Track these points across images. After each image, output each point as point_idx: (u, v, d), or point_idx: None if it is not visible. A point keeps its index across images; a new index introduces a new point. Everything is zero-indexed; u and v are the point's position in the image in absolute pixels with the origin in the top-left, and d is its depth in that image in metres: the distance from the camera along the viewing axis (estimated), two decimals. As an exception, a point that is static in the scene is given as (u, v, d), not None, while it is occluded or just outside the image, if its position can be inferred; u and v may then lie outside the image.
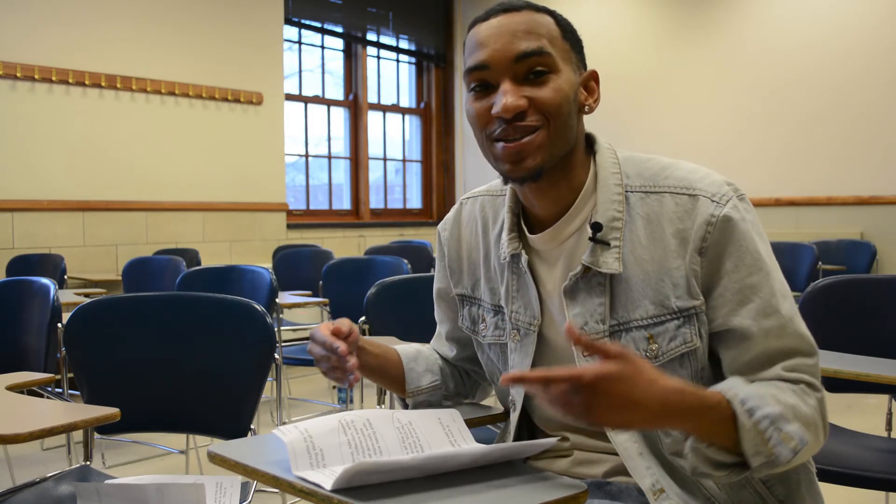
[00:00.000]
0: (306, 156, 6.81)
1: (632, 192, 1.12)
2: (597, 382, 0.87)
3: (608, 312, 1.11)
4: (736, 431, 0.95)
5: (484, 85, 1.11)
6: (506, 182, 1.20)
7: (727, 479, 0.99)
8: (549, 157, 1.09)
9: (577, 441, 1.19)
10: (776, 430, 0.96)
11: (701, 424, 0.96)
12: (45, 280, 2.32)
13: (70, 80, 5.02)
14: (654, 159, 1.16)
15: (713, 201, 1.07)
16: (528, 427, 1.27)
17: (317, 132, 6.94)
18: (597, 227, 1.10)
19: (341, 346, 1.10)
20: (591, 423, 0.90)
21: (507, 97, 1.07)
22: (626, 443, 1.10)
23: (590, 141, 1.19)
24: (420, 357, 1.34)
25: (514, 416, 1.24)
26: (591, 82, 1.16)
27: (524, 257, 1.18)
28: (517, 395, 1.23)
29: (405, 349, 1.34)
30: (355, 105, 7.11)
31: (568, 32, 1.13)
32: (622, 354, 0.89)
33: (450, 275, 1.33)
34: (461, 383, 1.39)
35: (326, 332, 1.13)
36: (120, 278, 4.43)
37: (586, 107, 1.14)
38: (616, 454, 1.13)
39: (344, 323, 1.16)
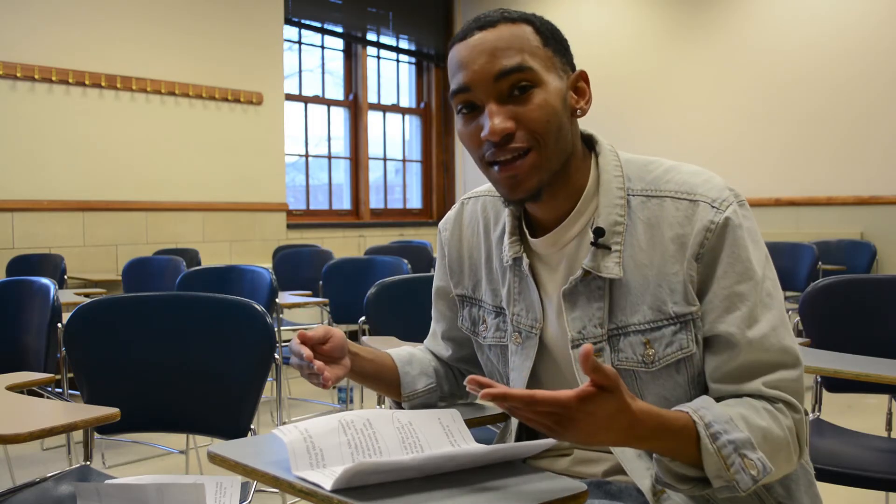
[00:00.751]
0: (306, 156, 6.81)
1: (633, 195, 1.12)
2: (576, 407, 0.87)
3: (607, 317, 1.10)
4: (699, 453, 0.95)
5: (470, 106, 1.09)
6: (507, 205, 1.19)
7: (688, 492, 0.99)
8: (546, 174, 1.09)
9: (578, 440, 1.18)
10: (739, 457, 0.95)
11: (664, 446, 0.96)
12: (45, 280, 2.32)
13: (70, 80, 5.02)
14: (655, 162, 1.15)
15: (713, 207, 1.06)
16: (528, 430, 1.27)
17: (317, 132, 6.95)
18: (599, 232, 1.10)
19: (305, 351, 1.11)
20: (560, 438, 0.92)
21: (493, 120, 1.06)
22: None
23: (590, 142, 1.17)
24: (414, 360, 1.33)
25: (514, 419, 1.24)
26: (580, 83, 1.13)
27: (525, 261, 1.17)
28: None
29: (399, 353, 1.33)
30: (355, 105, 7.11)
31: (549, 38, 1.10)
32: (612, 384, 0.88)
33: (450, 275, 1.32)
34: (455, 384, 1.38)
35: (297, 341, 1.14)
36: (120, 278, 4.43)
37: (578, 110, 1.13)
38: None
39: (318, 330, 1.16)
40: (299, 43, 6.71)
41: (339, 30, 6.93)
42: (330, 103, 6.98)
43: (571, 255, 1.14)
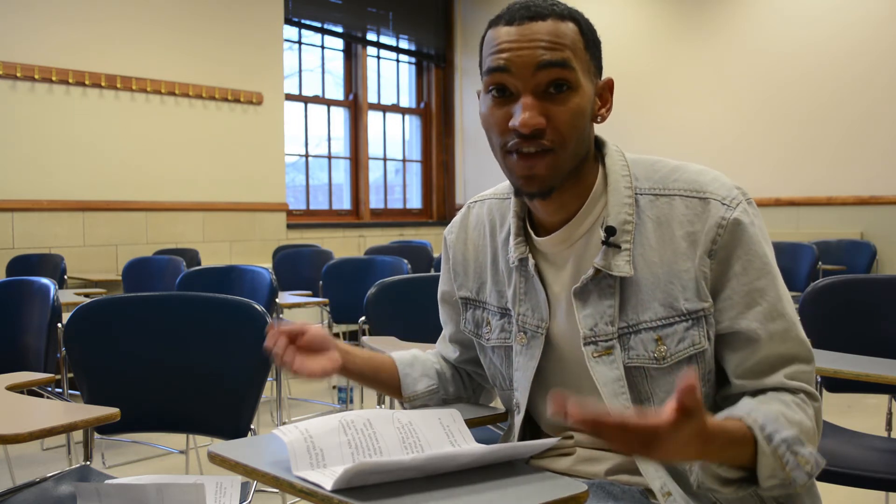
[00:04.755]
0: (306, 156, 6.81)
1: (641, 194, 1.12)
2: (668, 431, 0.85)
3: (617, 314, 1.11)
4: (754, 455, 0.96)
5: (502, 89, 1.09)
6: (518, 195, 1.20)
7: (733, 493, 1.00)
8: (561, 176, 1.10)
9: (580, 439, 1.18)
10: (792, 455, 0.97)
11: (727, 455, 0.97)
12: (45, 280, 2.32)
13: (70, 80, 5.02)
14: (662, 161, 1.16)
15: (724, 204, 1.07)
16: (532, 431, 1.27)
17: (317, 132, 6.94)
18: (611, 231, 1.10)
19: (268, 342, 1.16)
20: (642, 458, 0.92)
21: (526, 113, 1.06)
22: None
23: (596, 142, 1.18)
24: (416, 362, 1.34)
25: (518, 420, 1.24)
26: (605, 92, 1.15)
27: (531, 261, 1.18)
28: (521, 398, 1.23)
29: (401, 355, 1.35)
30: (355, 105, 7.11)
31: (590, 41, 1.11)
32: (698, 407, 0.86)
33: (454, 278, 1.33)
34: (462, 386, 1.39)
35: (267, 329, 1.18)
36: (120, 278, 4.43)
37: (598, 117, 1.14)
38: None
39: (293, 325, 1.18)
40: (299, 43, 6.71)
41: (339, 30, 6.93)
42: (330, 103, 6.98)
43: (579, 253, 1.15)
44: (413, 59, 7.67)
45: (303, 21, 6.57)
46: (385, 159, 7.46)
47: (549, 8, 1.09)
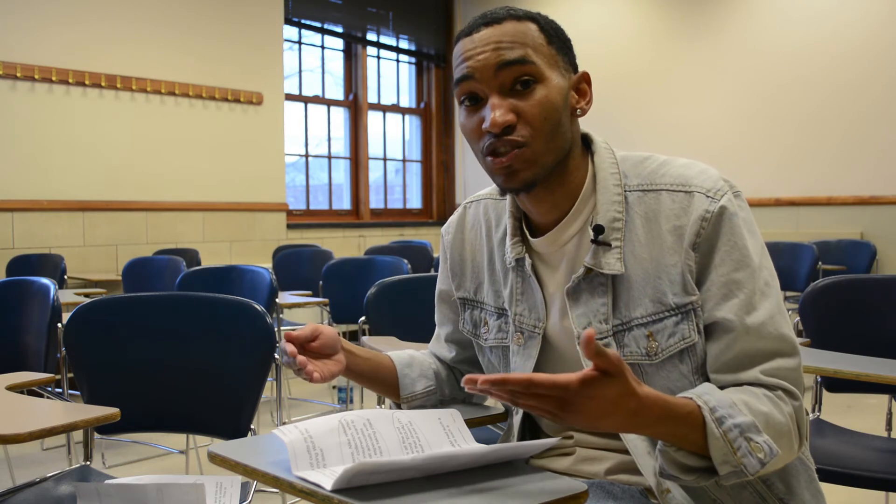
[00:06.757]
0: (306, 156, 6.81)
1: (630, 191, 1.13)
2: (577, 391, 0.86)
3: (611, 312, 1.11)
4: (705, 439, 0.95)
5: (473, 98, 1.11)
6: (503, 193, 1.21)
7: (694, 483, 0.99)
8: (542, 168, 1.10)
9: (580, 438, 1.19)
10: (745, 440, 0.96)
11: (670, 432, 0.96)
12: (45, 280, 2.32)
13: (70, 80, 5.02)
14: (651, 157, 1.16)
15: (708, 197, 1.07)
16: (532, 429, 1.27)
17: (317, 132, 6.94)
18: (599, 229, 1.11)
19: (289, 348, 1.13)
20: (559, 423, 0.91)
21: (495, 112, 1.07)
22: (635, 440, 1.10)
23: (586, 140, 1.19)
24: (414, 363, 1.34)
25: (516, 419, 1.24)
26: (582, 84, 1.15)
27: (528, 261, 1.18)
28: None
29: (399, 355, 1.35)
30: (355, 105, 7.11)
31: (554, 37, 1.12)
32: (615, 369, 0.87)
33: (452, 278, 1.33)
34: (457, 387, 1.39)
35: (284, 340, 1.16)
36: (120, 278, 4.43)
37: (578, 110, 1.14)
38: (619, 451, 1.14)
39: (305, 329, 1.17)
40: (299, 43, 6.71)
41: (339, 30, 6.93)
42: (330, 103, 6.98)
43: (572, 253, 1.15)
44: (413, 59, 7.67)
45: (303, 21, 6.57)
46: (385, 159, 7.46)
47: (505, 12, 1.12)
